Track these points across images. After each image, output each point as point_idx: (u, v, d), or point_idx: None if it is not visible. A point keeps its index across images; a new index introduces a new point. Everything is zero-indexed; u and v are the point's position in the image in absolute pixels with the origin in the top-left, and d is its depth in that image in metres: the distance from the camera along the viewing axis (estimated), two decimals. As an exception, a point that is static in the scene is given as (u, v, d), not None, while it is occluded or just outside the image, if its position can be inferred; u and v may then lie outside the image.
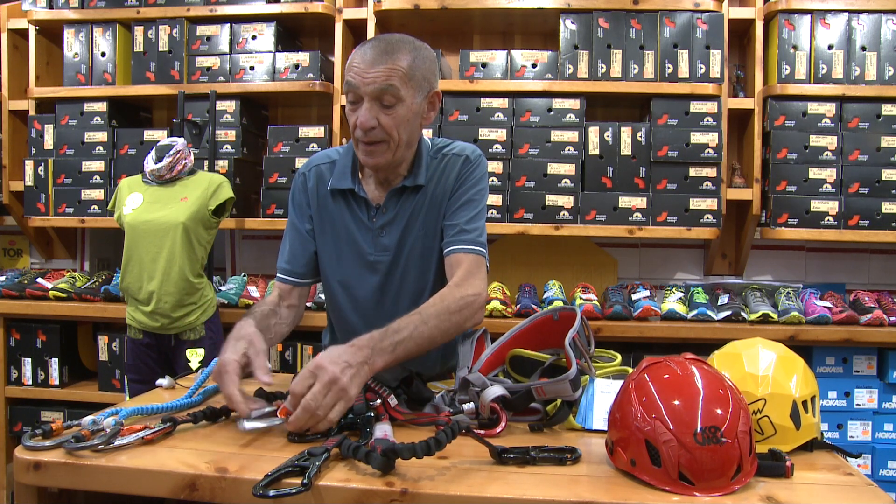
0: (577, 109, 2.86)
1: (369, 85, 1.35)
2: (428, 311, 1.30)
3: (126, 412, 1.17)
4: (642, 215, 2.81)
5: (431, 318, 1.28)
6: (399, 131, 1.39)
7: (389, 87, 1.35)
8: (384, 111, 1.37)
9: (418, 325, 1.26)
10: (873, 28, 2.79)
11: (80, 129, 3.13)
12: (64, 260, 3.56)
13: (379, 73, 1.34)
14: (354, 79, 1.36)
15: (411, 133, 1.43)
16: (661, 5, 2.85)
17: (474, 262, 1.43)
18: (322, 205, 1.55)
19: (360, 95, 1.37)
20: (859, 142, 2.78)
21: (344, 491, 0.95)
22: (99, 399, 2.94)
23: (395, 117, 1.37)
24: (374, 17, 2.99)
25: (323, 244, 1.56)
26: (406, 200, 1.51)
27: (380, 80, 1.34)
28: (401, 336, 1.22)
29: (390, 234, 1.51)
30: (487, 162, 1.58)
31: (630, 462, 0.98)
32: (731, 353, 1.21)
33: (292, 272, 1.56)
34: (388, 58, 1.35)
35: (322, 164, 1.57)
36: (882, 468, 2.59)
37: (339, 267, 1.54)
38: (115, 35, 3.14)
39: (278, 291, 1.57)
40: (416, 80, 1.39)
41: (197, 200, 2.55)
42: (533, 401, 1.21)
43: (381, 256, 1.51)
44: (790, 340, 2.53)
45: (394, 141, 1.40)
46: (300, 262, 1.56)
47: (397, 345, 1.21)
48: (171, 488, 0.99)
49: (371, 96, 1.36)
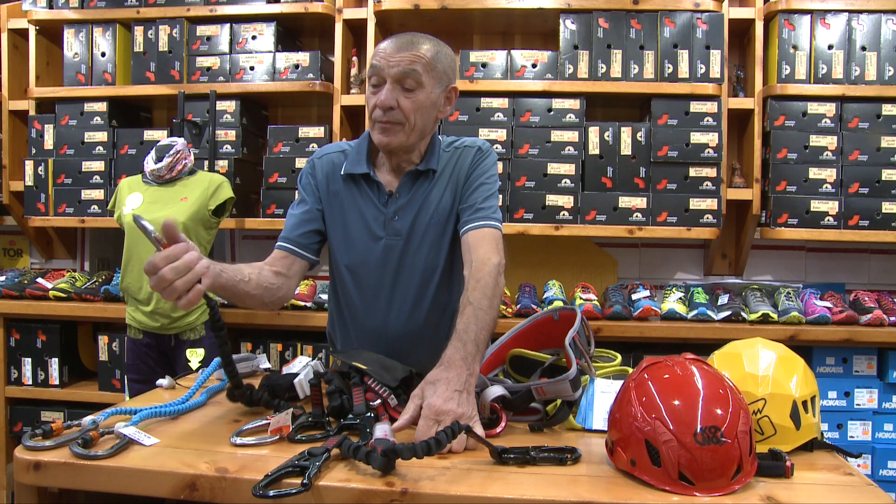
0: (577, 109, 2.86)
1: (393, 67, 1.42)
2: (475, 297, 1.33)
3: (138, 418, 1.17)
4: (642, 215, 2.81)
5: (483, 301, 1.32)
6: (416, 116, 1.45)
7: (412, 71, 1.42)
8: (405, 94, 1.44)
9: (478, 314, 1.29)
10: (873, 28, 2.79)
11: (80, 129, 3.13)
12: (64, 260, 3.56)
13: (404, 57, 1.42)
14: (380, 62, 1.44)
15: (426, 121, 1.49)
16: (661, 5, 2.85)
17: (490, 235, 1.46)
18: (333, 192, 1.58)
19: (383, 78, 1.43)
20: (859, 142, 2.78)
21: (344, 491, 0.95)
22: (99, 399, 2.94)
23: (415, 101, 1.44)
24: (374, 17, 2.99)
25: (333, 229, 1.58)
26: (420, 186, 1.54)
27: (404, 64, 1.42)
28: (473, 334, 1.25)
29: (403, 218, 1.53)
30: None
31: (630, 462, 0.98)
32: (731, 353, 1.21)
33: (292, 240, 1.55)
34: (414, 46, 1.44)
35: (333, 154, 1.62)
36: (882, 468, 2.59)
37: (349, 250, 1.56)
38: (115, 35, 3.14)
39: (271, 257, 1.55)
40: (437, 72, 1.46)
41: (197, 200, 2.55)
42: (533, 401, 1.21)
43: (394, 241, 1.53)
44: (790, 340, 2.53)
45: (409, 124, 1.45)
46: (301, 233, 1.56)
47: (478, 343, 1.25)
48: (171, 488, 0.99)
49: (394, 79, 1.43)
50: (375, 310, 1.56)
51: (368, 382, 1.26)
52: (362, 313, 1.57)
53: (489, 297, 1.33)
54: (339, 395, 1.23)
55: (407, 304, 1.54)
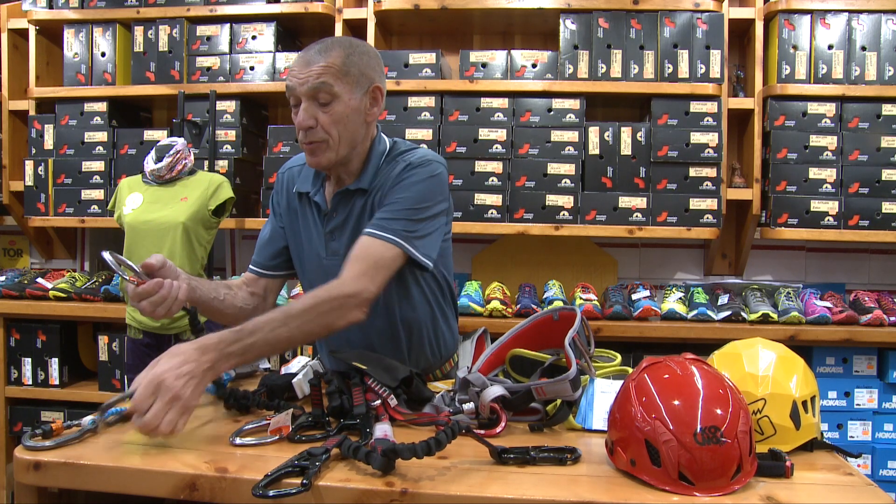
0: (577, 109, 2.86)
1: (304, 84, 1.36)
2: (292, 311, 1.24)
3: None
4: (642, 215, 2.81)
5: (294, 318, 1.23)
6: (338, 129, 1.39)
7: (322, 84, 1.36)
8: (321, 109, 1.38)
9: (277, 326, 1.21)
10: (873, 28, 2.79)
11: (80, 129, 3.13)
12: (64, 260, 3.56)
13: (312, 71, 1.36)
14: (291, 81, 1.39)
15: (353, 131, 1.42)
16: (661, 5, 2.85)
17: (376, 253, 1.35)
18: (292, 209, 1.56)
19: (298, 97, 1.38)
20: (859, 142, 2.78)
21: (344, 491, 0.95)
22: (99, 399, 2.93)
23: (333, 114, 1.38)
24: (374, 17, 2.99)
25: (292, 246, 1.58)
26: (354, 204, 1.48)
27: (312, 79, 1.36)
28: (254, 339, 1.18)
29: (339, 238, 1.48)
30: (446, 172, 1.49)
31: (630, 462, 0.98)
32: (731, 353, 1.21)
33: (257, 262, 1.59)
34: (321, 57, 1.37)
35: (294, 167, 1.59)
36: (882, 468, 2.59)
37: (303, 269, 1.56)
38: (115, 35, 3.14)
39: (245, 277, 1.60)
40: (351, 76, 1.39)
41: (197, 200, 2.55)
42: (533, 401, 1.21)
43: (332, 260, 1.47)
44: (790, 340, 2.53)
45: (333, 139, 1.39)
46: (266, 255, 1.59)
47: (248, 348, 1.17)
48: (171, 488, 0.99)
49: (307, 95, 1.37)
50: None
51: (368, 382, 1.26)
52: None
53: (303, 320, 1.24)
54: (339, 395, 1.23)
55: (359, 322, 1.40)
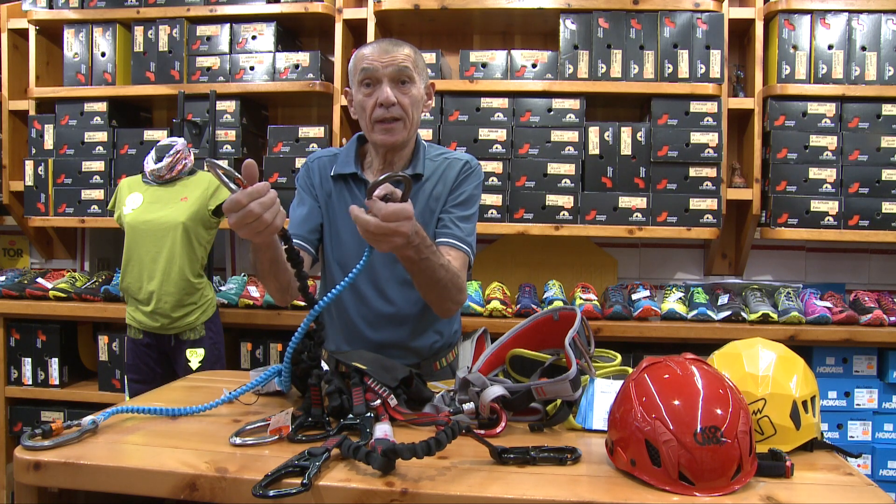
0: (577, 109, 2.86)
1: (388, 67, 1.52)
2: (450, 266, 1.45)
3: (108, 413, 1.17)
4: (642, 215, 2.81)
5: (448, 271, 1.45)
6: (413, 110, 1.56)
7: (405, 67, 1.53)
8: (401, 90, 1.53)
9: (442, 263, 1.43)
10: (873, 28, 2.79)
11: (80, 129, 3.13)
12: (64, 260, 3.56)
13: (395, 56, 1.53)
14: (372, 64, 1.52)
15: (419, 116, 1.60)
16: (661, 5, 2.85)
17: (461, 260, 1.57)
18: (326, 192, 1.66)
19: (377, 78, 1.52)
20: (859, 142, 2.78)
21: (344, 491, 0.95)
22: (99, 399, 2.94)
23: (411, 96, 1.55)
24: (374, 17, 2.99)
25: (325, 227, 1.66)
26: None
27: (397, 62, 1.52)
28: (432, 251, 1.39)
29: None
30: (482, 168, 1.71)
31: (630, 462, 0.98)
32: (731, 353, 1.21)
33: (297, 235, 1.62)
34: (397, 48, 1.55)
35: (325, 157, 1.71)
36: (882, 468, 2.59)
37: (339, 247, 1.64)
38: (115, 35, 3.14)
39: None
40: (420, 68, 1.58)
41: (197, 200, 2.55)
42: (533, 401, 1.21)
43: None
44: (790, 340, 2.53)
45: (408, 119, 1.55)
46: (306, 229, 1.64)
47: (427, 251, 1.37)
48: (171, 488, 0.99)
49: (390, 77, 1.52)
50: (363, 306, 1.63)
51: (368, 382, 1.26)
52: (354, 309, 1.64)
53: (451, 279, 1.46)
54: (339, 395, 1.23)
55: (391, 296, 1.62)
